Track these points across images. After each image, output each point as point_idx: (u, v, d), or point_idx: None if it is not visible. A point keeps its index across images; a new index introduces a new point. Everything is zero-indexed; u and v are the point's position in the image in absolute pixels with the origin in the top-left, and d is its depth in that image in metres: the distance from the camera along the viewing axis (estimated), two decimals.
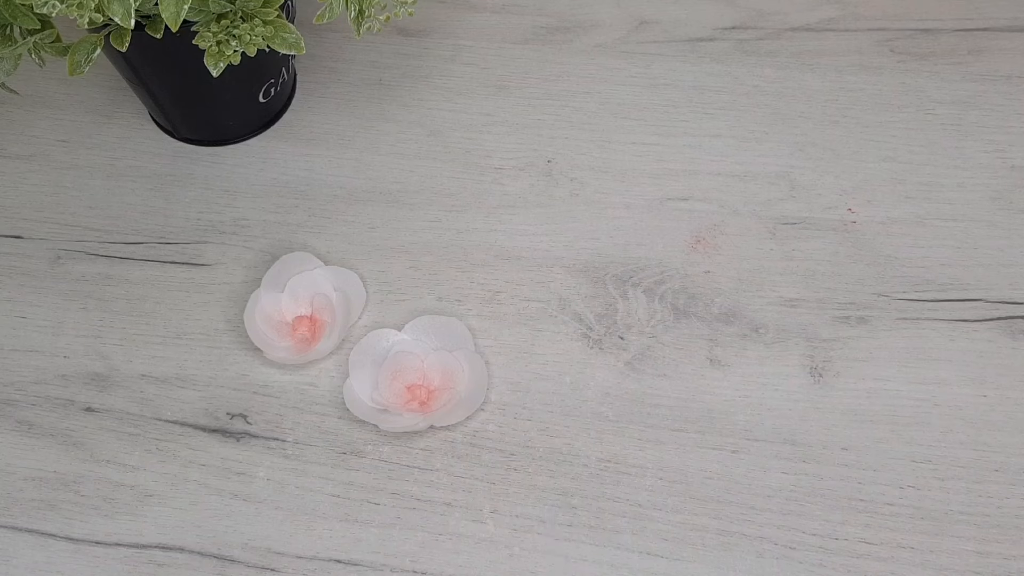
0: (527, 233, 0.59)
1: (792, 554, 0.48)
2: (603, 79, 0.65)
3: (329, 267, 0.57)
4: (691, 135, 0.62)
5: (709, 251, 0.58)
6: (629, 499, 0.50)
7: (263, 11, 0.51)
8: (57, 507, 0.51)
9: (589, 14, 0.69)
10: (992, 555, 0.47)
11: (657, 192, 0.60)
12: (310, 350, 0.54)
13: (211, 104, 0.61)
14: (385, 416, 0.52)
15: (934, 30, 0.66)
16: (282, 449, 0.52)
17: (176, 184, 0.62)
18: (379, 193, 0.61)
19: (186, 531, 0.50)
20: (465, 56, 0.67)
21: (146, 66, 0.57)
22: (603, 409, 0.52)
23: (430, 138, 0.63)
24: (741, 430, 0.51)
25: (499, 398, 0.53)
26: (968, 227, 0.58)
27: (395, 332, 0.55)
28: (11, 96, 0.61)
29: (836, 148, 0.61)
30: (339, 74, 0.66)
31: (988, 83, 0.63)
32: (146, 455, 0.52)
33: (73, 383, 0.55)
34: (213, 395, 0.54)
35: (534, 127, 0.63)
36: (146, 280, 0.58)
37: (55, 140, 0.64)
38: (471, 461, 0.51)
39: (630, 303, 0.56)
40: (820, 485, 0.50)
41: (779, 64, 0.65)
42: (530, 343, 0.55)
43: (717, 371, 0.53)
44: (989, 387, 0.52)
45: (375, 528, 0.50)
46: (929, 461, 0.50)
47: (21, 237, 0.60)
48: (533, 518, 0.50)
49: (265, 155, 0.63)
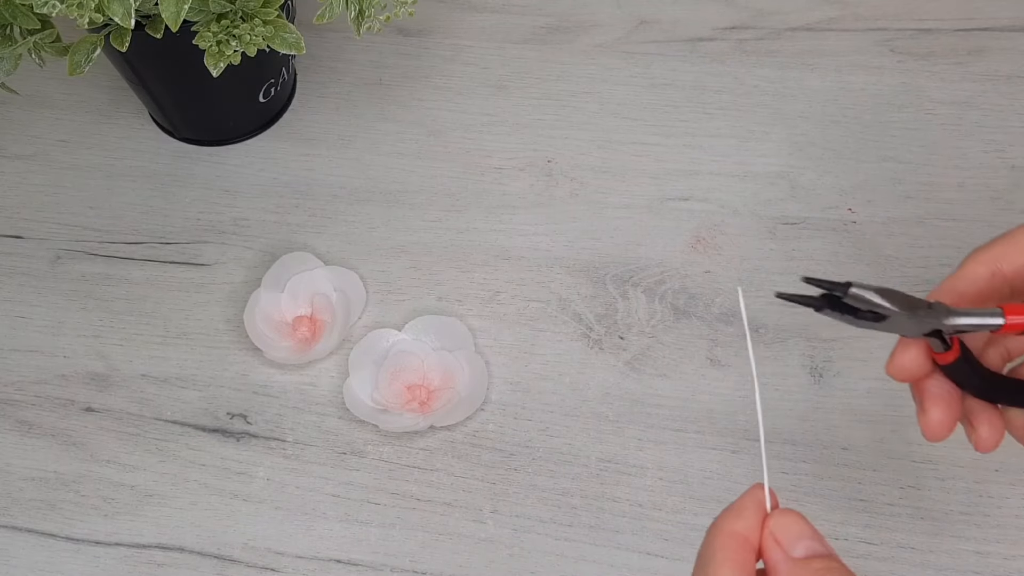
0: (527, 233, 0.59)
1: None
2: (603, 79, 0.65)
3: (329, 267, 0.57)
4: (691, 135, 0.62)
5: (709, 251, 0.58)
6: (629, 499, 0.50)
7: (263, 11, 0.51)
8: (57, 507, 0.51)
9: (589, 14, 0.68)
10: (992, 555, 0.47)
11: (657, 192, 0.60)
12: (310, 350, 0.54)
13: (211, 104, 0.61)
14: (385, 416, 0.52)
15: (934, 30, 0.66)
16: (282, 449, 0.52)
17: (176, 184, 0.62)
18: (379, 193, 0.61)
19: (186, 531, 0.50)
20: (465, 56, 0.67)
21: (146, 66, 0.57)
22: (603, 409, 0.52)
23: (430, 138, 0.63)
24: (741, 430, 0.51)
25: (499, 398, 0.53)
26: (968, 227, 0.58)
27: (395, 332, 0.55)
28: (11, 96, 0.61)
29: (836, 148, 0.61)
30: (339, 74, 0.66)
31: (988, 83, 0.63)
32: (146, 455, 0.52)
33: (73, 383, 0.55)
34: (213, 395, 0.54)
35: (534, 127, 0.63)
36: (146, 280, 0.58)
37: (55, 140, 0.64)
38: (471, 461, 0.51)
39: (630, 303, 0.56)
40: (820, 485, 0.50)
41: (779, 64, 0.65)
42: (530, 343, 0.55)
43: (717, 371, 0.53)
44: None
45: (375, 528, 0.50)
46: (929, 461, 0.50)
47: (21, 237, 0.60)
48: (533, 518, 0.50)
49: (265, 155, 0.63)
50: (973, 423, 0.37)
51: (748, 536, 0.30)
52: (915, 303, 0.33)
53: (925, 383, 0.37)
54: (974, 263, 0.37)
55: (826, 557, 0.30)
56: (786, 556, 0.30)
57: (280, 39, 0.52)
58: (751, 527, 0.30)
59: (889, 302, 0.32)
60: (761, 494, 0.31)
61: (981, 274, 0.36)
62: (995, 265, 0.36)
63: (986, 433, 0.37)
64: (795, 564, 0.30)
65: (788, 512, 0.31)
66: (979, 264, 0.36)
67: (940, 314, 0.33)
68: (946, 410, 0.36)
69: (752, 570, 0.30)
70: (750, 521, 0.31)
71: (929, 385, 0.36)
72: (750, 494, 0.31)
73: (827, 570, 0.29)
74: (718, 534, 0.31)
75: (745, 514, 0.31)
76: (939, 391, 0.36)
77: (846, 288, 0.32)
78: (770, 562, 0.30)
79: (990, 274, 0.36)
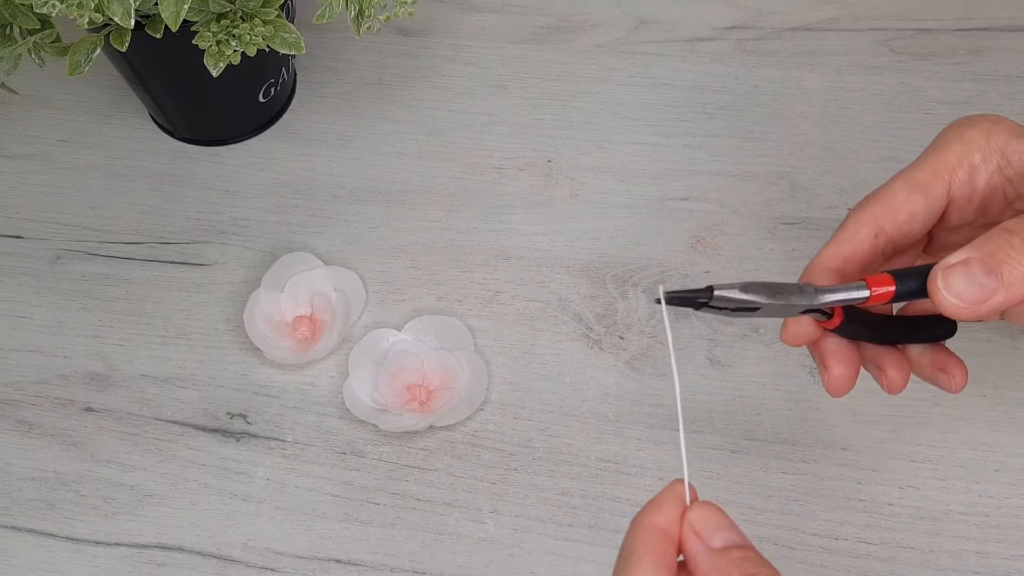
0: (527, 233, 0.59)
1: (792, 554, 0.48)
2: (603, 79, 0.65)
3: (329, 267, 0.57)
4: (691, 135, 0.62)
5: (709, 251, 0.58)
6: (629, 499, 0.50)
7: (263, 11, 0.51)
8: (57, 507, 0.51)
9: (589, 14, 0.69)
10: (992, 555, 0.48)
11: (657, 192, 0.60)
12: (310, 350, 0.54)
13: (211, 104, 0.61)
14: (385, 416, 0.52)
15: (934, 30, 0.66)
16: (282, 449, 0.52)
17: (176, 184, 0.62)
18: (379, 193, 0.61)
19: (186, 531, 0.50)
20: (465, 56, 0.67)
21: (146, 66, 0.57)
22: (603, 409, 0.52)
23: (430, 138, 0.63)
24: (741, 430, 0.51)
25: (499, 398, 0.53)
26: None
27: (395, 332, 0.55)
28: (11, 96, 0.61)
29: (836, 148, 0.61)
30: (339, 74, 0.66)
31: (988, 83, 0.63)
32: (146, 455, 0.52)
33: (73, 383, 0.55)
34: (213, 395, 0.54)
35: (534, 127, 0.63)
36: (146, 280, 0.58)
37: (55, 140, 0.64)
38: (471, 461, 0.51)
39: (630, 303, 0.56)
40: (820, 485, 0.50)
41: (779, 64, 0.65)
42: (530, 343, 0.55)
43: (717, 371, 0.53)
44: (989, 387, 0.52)
45: (375, 528, 0.50)
46: (929, 461, 0.50)
47: (21, 237, 0.60)
48: (533, 518, 0.50)
49: (265, 155, 0.63)
50: (881, 367, 0.39)
51: (668, 529, 0.31)
52: (782, 288, 0.34)
53: (822, 343, 0.38)
54: (856, 224, 0.38)
55: (744, 547, 0.30)
56: (705, 547, 0.31)
57: (280, 39, 0.52)
58: (671, 520, 0.31)
59: (755, 295, 0.34)
60: (681, 488, 0.32)
61: (865, 236, 0.38)
62: (876, 225, 0.38)
63: (894, 374, 0.39)
64: (714, 554, 0.30)
65: (706, 504, 0.32)
66: (861, 225, 0.38)
67: (809, 294, 0.35)
68: (846, 365, 0.38)
69: (673, 563, 0.31)
70: (669, 515, 0.31)
71: (826, 343, 0.38)
72: (669, 489, 0.32)
73: (744, 559, 0.30)
74: (638, 529, 0.31)
75: (664, 508, 0.31)
76: (837, 348, 0.38)
77: (709, 293, 0.33)
78: (689, 554, 0.31)
79: (873, 235, 0.38)
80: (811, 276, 0.38)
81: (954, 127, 0.39)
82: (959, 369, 0.38)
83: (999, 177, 0.37)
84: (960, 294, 0.32)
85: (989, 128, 0.37)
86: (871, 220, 0.38)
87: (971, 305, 0.32)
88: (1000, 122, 0.38)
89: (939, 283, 0.32)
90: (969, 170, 0.37)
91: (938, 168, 0.37)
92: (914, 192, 0.37)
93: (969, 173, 0.37)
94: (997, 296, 0.32)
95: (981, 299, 0.32)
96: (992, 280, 0.32)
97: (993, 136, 0.37)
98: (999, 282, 0.32)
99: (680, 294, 0.34)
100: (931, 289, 0.32)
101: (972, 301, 0.32)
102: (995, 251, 0.32)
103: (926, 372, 0.39)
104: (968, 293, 0.32)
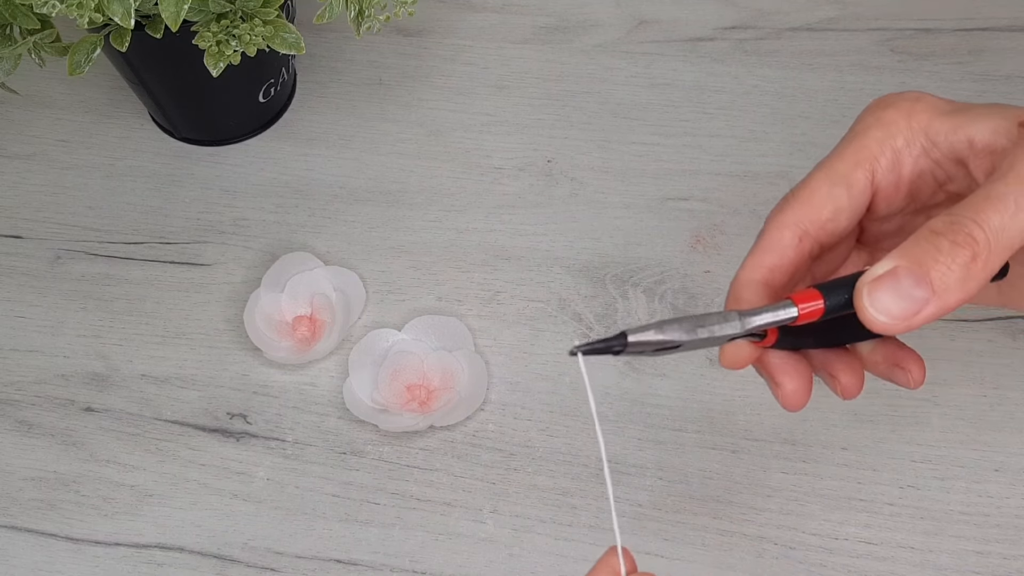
0: (527, 233, 0.59)
1: (792, 554, 0.48)
2: (603, 79, 0.65)
3: (329, 267, 0.57)
4: (691, 135, 0.62)
5: (709, 251, 0.58)
6: (629, 499, 0.50)
7: (263, 11, 0.51)
8: (57, 507, 0.51)
9: (589, 14, 0.68)
10: (992, 555, 0.47)
11: (657, 192, 0.60)
12: (310, 350, 0.54)
13: (211, 104, 0.61)
14: (385, 416, 0.52)
15: (934, 30, 0.66)
16: (282, 449, 0.52)
17: (176, 184, 0.62)
18: (379, 193, 0.61)
19: (186, 531, 0.50)
20: (465, 56, 0.67)
21: (146, 66, 0.57)
22: (603, 409, 0.52)
23: (430, 138, 0.63)
24: (741, 430, 0.51)
25: (499, 398, 0.53)
26: None
27: (395, 332, 0.55)
28: (11, 96, 0.61)
29: None
30: (339, 74, 0.66)
31: (988, 83, 0.63)
32: (146, 455, 0.52)
33: (73, 383, 0.55)
34: (213, 395, 0.54)
35: (534, 127, 0.63)
36: (146, 280, 0.58)
37: (55, 140, 0.64)
38: (471, 461, 0.51)
39: (630, 303, 0.56)
40: (820, 485, 0.50)
41: (779, 64, 0.65)
42: (530, 343, 0.55)
43: (717, 371, 0.53)
44: (989, 387, 0.52)
45: (375, 528, 0.50)
46: (929, 461, 0.50)
47: (21, 237, 0.60)
48: (533, 518, 0.50)
49: (265, 155, 0.63)
50: (832, 374, 0.36)
51: None
52: (704, 320, 0.32)
53: (766, 359, 0.35)
54: (778, 230, 0.35)
55: None
56: None
57: (280, 39, 0.52)
58: None
59: (672, 334, 0.31)
60: (615, 560, 0.31)
61: (788, 241, 0.34)
62: (799, 228, 0.34)
63: (847, 379, 0.35)
64: None
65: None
66: (783, 229, 0.35)
67: (734, 322, 0.32)
68: (797, 378, 0.35)
69: None
70: None
71: (770, 359, 0.35)
72: (604, 560, 0.31)
73: None
74: None
75: None
76: (782, 361, 0.35)
77: (623, 339, 0.31)
78: None
79: (797, 239, 0.34)
80: (737, 292, 0.35)
81: (872, 108, 0.36)
82: (915, 363, 0.35)
83: (926, 160, 0.34)
84: (889, 310, 0.29)
85: (910, 108, 0.34)
86: (793, 223, 0.34)
87: (902, 320, 0.29)
88: (922, 99, 0.34)
89: (864, 300, 0.29)
90: (892, 156, 0.34)
91: (859, 157, 0.35)
92: (835, 185, 0.34)
93: (892, 159, 0.34)
94: (929, 307, 0.29)
95: (912, 312, 0.29)
96: (922, 290, 0.29)
97: (915, 116, 0.34)
98: (930, 291, 0.29)
99: (593, 345, 0.31)
100: (857, 306, 0.30)
101: (902, 316, 0.29)
102: (922, 257, 0.29)
103: (881, 370, 0.36)
104: (897, 307, 0.29)
